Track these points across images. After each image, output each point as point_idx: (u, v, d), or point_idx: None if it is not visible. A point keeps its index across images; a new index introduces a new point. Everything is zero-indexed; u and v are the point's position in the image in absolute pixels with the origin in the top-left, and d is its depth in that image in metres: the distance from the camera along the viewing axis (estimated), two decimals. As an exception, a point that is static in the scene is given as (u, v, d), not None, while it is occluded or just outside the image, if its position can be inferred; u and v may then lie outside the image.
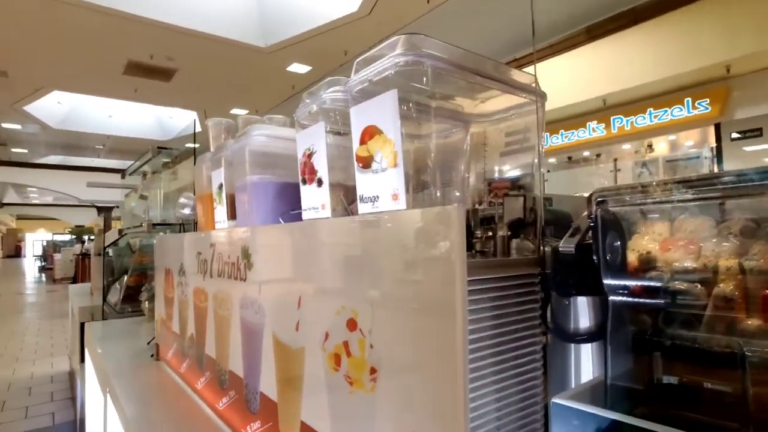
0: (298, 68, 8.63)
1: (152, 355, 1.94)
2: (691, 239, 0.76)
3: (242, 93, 10.04)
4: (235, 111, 10.99)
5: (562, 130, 6.58)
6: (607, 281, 0.68)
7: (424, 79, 0.85)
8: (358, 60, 0.93)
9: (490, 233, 1.02)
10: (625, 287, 0.69)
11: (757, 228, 0.70)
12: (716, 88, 5.29)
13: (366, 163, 0.88)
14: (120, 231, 3.37)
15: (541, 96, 1.01)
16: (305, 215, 1.08)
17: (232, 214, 1.50)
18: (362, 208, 0.88)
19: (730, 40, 4.76)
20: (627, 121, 5.98)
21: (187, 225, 2.21)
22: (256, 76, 8.96)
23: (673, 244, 0.84)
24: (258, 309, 1.01)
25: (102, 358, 1.95)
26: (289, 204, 1.33)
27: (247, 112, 11.08)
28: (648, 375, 0.68)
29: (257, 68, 8.49)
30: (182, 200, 1.93)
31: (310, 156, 1.06)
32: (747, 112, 4.84)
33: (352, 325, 0.67)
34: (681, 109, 5.48)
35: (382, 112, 0.83)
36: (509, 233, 1.02)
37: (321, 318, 0.76)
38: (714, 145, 4.69)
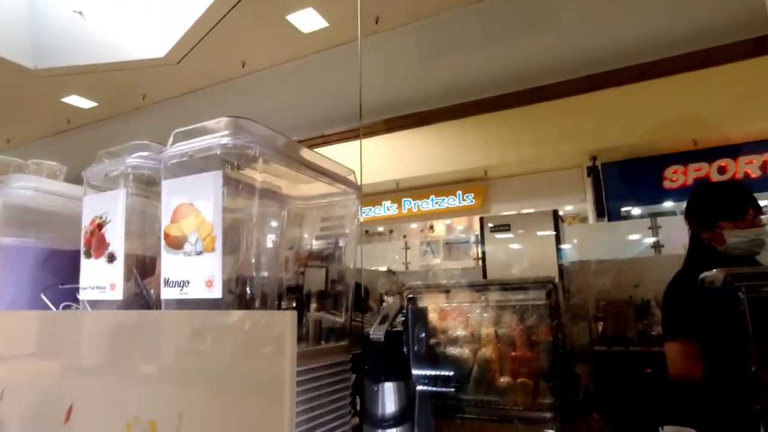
0: (79, 102, 7.41)
1: None
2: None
3: (-9, 116, 7.99)
4: (-24, 137, 8.60)
5: (361, 207, 7.21)
6: (415, 371, 0.74)
7: (250, 162, 0.84)
8: (176, 131, 0.86)
9: (295, 304, 1.00)
10: (429, 376, 0.76)
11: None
12: (479, 186, 6.72)
13: (176, 243, 0.79)
14: None
15: (358, 189, 1.10)
16: (85, 294, 0.89)
17: (-38, 285, 1.13)
18: (167, 293, 0.77)
19: (485, 150, 6.17)
20: (415, 204, 7.00)
21: None
22: (12, 100, 7.27)
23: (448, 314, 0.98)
24: (-6, 425, 0.74)
25: None
26: (57, 275, 1.08)
27: (-6, 140, 8.80)
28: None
29: (16, 91, 6.92)
30: None
31: (100, 226, 0.90)
32: (498, 207, 6.31)
33: (147, 443, 0.55)
34: (454, 199, 6.77)
35: (203, 192, 0.77)
36: (315, 306, 1.02)
37: (100, 436, 0.61)
38: (478, 232, 5.89)
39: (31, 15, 6.29)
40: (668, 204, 5.71)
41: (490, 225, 4.11)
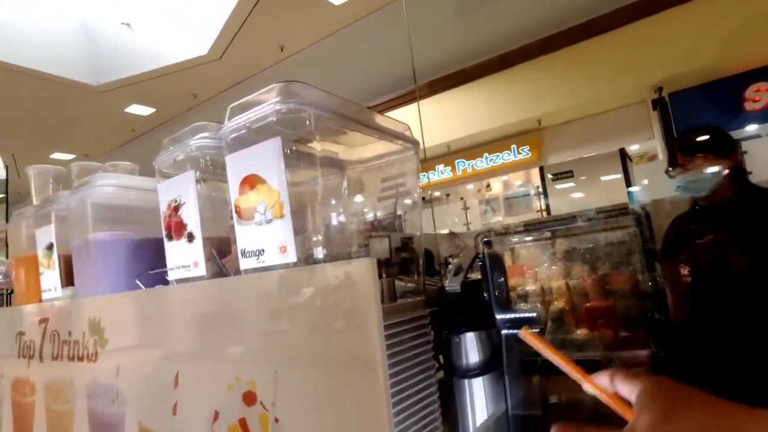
0: (139, 110, 7.87)
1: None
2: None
3: (66, 135, 8.69)
4: (56, 155, 9.44)
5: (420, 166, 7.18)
6: (499, 316, 0.72)
7: (306, 126, 0.84)
8: (232, 106, 0.88)
9: None
10: (513, 320, 0.73)
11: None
12: (533, 138, 6.41)
13: (247, 214, 0.82)
14: None
15: (416, 143, 1.07)
16: (173, 275, 0.95)
17: (68, 280, 1.25)
18: (245, 263, 0.80)
19: (536, 99, 5.84)
20: (468, 164, 6.82)
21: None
22: (84, 117, 7.87)
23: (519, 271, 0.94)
24: (115, 395, 0.82)
25: None
26: (146, 263, 1.16)
27: (73, 157, 9.61)
28: (541, 398, 0.72)
29: (86, 108, 7.48)
30: (-9, 266, 1.54)
31: (176, 209, 0.94)
32: (556, 157, 5.99)
33: (250, 398, 0.59)
34: (509, 154, 6.51)
35: (265, 160, 0.78)
36: (388, 281, 1.02)
37: (207, 395, 0.65)
38: (537, 184, 5.68)
39: (85, 34, 6.69)
40: (752, 128, 5.13)
41: (551, 174, 3.92)
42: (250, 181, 0.81)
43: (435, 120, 6.38)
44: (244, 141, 0.84)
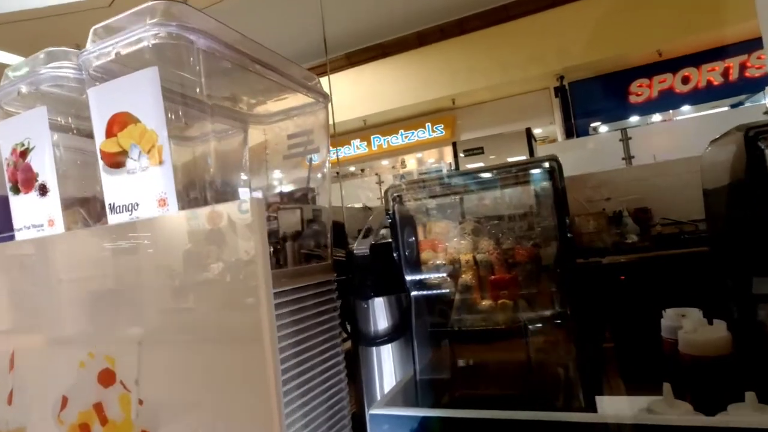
0: (2, 57, 6.69)
1: None
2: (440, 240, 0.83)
3: None
4: None
5: (331, 147, 7.03)
6: (408, 277, 0.67)
7: (191, 59, 0.70)
8: (95, 27, 0.71)
9: (274, 248, 0.93)
10: (424, 280, 0.69)
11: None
12: (447, 117, 6.57)
13: (116, 161, 0.67)
14: None
15: (325, 96, 0.98)
16: (21, 236, 0.77)
17: None
18: (114, 220, 0.66)
19: (451, 79, 5.96)
20: (384, 140, 6.84)
21: None
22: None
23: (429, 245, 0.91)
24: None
25: None
26: (-8, 226, 0.95)
27: None
28: (449, 362, 0.69)
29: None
30: None
31: (23, 154, 0.76)
32: (468, 135, 6.20)
33: (106, 378, 0.47)
34: (424, 132, 6.64)
35: (139, 95, 0.64)
36: (293, 245, 0.95)
37: (53, 378, 0.52)
38: (450, 161, 5.87)
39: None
40: (634, 119, 5.73)
41: (463, 152, 4.05)
42: (120, 121, 0.67)
43: (352, 93, 6.25)
44: (111, 72, 0.69)
